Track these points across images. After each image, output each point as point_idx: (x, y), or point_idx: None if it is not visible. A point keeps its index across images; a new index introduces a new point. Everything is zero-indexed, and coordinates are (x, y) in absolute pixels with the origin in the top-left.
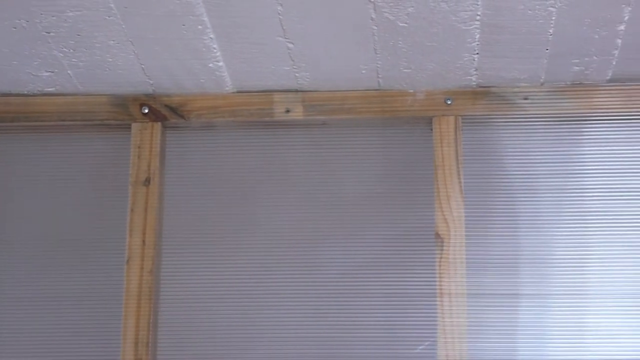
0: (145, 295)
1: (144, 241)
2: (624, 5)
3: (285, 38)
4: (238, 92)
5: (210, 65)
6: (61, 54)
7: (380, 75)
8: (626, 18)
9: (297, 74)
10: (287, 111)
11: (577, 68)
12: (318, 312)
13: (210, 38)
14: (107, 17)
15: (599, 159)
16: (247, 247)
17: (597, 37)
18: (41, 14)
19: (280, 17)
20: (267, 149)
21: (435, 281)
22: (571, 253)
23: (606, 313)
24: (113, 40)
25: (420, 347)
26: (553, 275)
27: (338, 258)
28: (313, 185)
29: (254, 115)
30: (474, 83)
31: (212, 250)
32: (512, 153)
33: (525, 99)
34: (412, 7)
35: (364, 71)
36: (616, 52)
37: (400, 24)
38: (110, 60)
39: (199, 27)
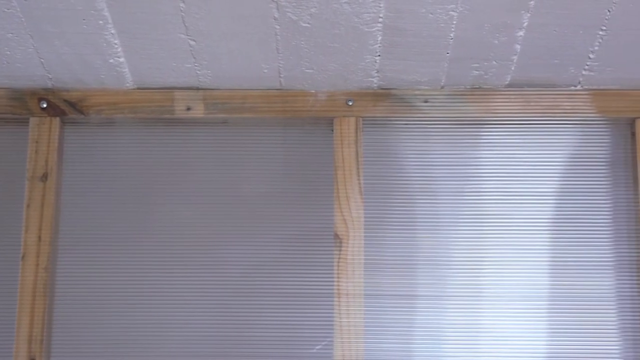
0: (40, 292)
1: (39, 237)
2: (523, 12)
3: (188, 35)
4: (138, 88)
5: (111, 60)
6: None
7: (282, 75)
8: (525, 24)
9: (198, 72)
10: (188, 109)
11: (476, 72)
12: (216, 311)
13: (112, 33)
14: (6, 10)
15: (497, 162)
16: (145, 244)
17: (496, 42)
18: None
19: (183, 14)
20: (167, 146)
21: (333, 281)
22: (467, 255)
23: (500, 315)
24: (12, 34)
25: (317, 347)
26: (449, 276)
27: (237, 257)
28: (213, 183)
29: (154, 112)
30: (375, 85)
31: (109, 247)
32: (412, 155)
33: (426, 101)
34: (315, 7)
35: (265, 70)
36: (515, 57)
37: (303, 24)
38: (9, 53)
39: (100, 22)
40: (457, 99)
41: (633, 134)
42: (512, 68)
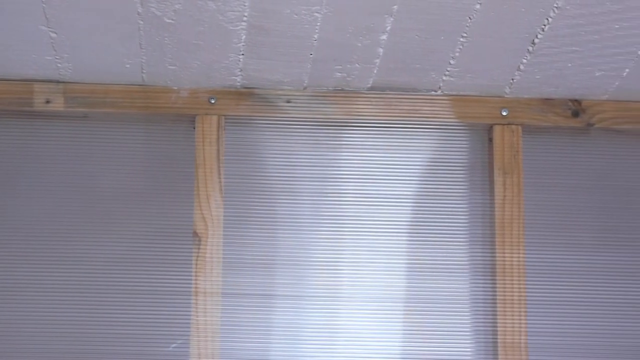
0: None
1: None
2: (386, 16)
3: (49, 27)
4: None
5: None
6: None
7: (144, 71)
8: (388, 28)
9: (59, 65)
10: (48, 102)
11: (339, 74)
12: (71, 308)
13: None
14: None
15: (358, 164)
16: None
17: (360, 45)
18: None
19: (44, 5)
20: (26, 139)
21: (191, 279)
22: (327, 256)
23: (357, 315)
24: None
25: (173, 346)
26: (308, 277)
27: (94, 253)
28: (72, 178)
29: (13, 105)
30: (239, 84)
31: None
32: (274, 155)
33: (288, 102)
34: (180, 4)
35: (128, 65)
36: (377, 60)
37: (167, 20)
38: None
39: None
40: (320, 100)
41: (490, 140)
42: (375, 71)
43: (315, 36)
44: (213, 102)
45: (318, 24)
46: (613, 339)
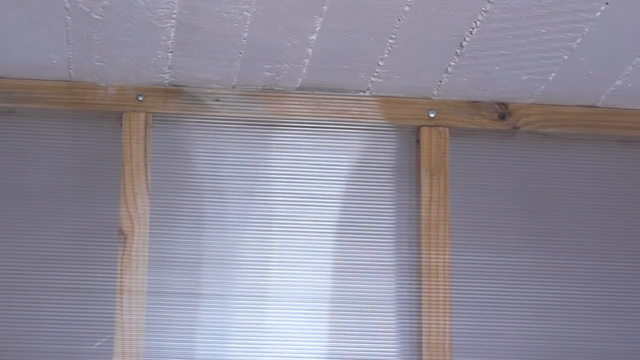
0: None
1: None
2: (316, 16)
3: None
4: None
5: None
6: None
7: (71, 67)
8: (318, 28)
9: None
10: None
11: (268, 74)
12: None
13: None
14: None
15: (286, 164)
16: None
17: (289, 44)
18: None
19: None
20: None
21: (116, 277)
22: (254, 255)
23: (284, 315)
24: None
25: (97, 344)
26: (236, 276)
27: (18, 250)
28: None
29: None
30: (167, 81)
31: None
32: (202, 153)
33: (217, 100)
34: (108, 0)
35: (55, 61)
36: (307, 60)
37: (95, 16)
38: None
39: None
40: (249, 100)
41: (418, 142)
42: (304, 71)
43: (245, 35)
44: (141, 99)
45: (247, 23)
46: (536, 341)
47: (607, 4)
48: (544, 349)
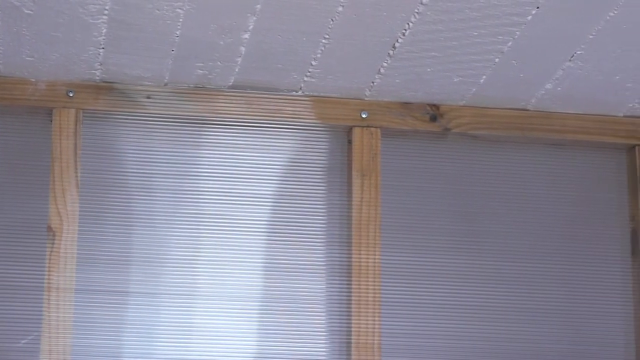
0: None
1: None
2: (249, 15)
3: None
4: None
5: None
6: None
7: (1, 62)
8: (251, 27)
9: None
10: None
11: (201, 72)
12: None
13: None
14: None
15: (217, 163)
16: None
17: (222, 43)
18: None
19: None
20: None
21: (44, 275)
22: (183, 253)
23: (213, 314)
24: None
25: (23, 341)
26: (164, 274)
27: None
28: None
29: None
30: (98, 78)
31: None
32: (132, 151)
33: (148, 97)
34: None
35: None
36: (239, 59)
37: (26, 11)
38: None
39: None
40: (180, 97)
41: (349, 142)
42: (236, 70)
43: (177, 32)
44: (71, 95)
45: (180, 20)
46: (464, 341)
47: (538, 8)
48: (472, 349)
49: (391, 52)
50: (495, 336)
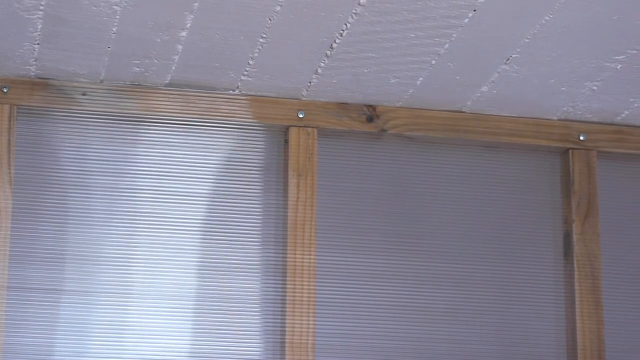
0: None
1: None
2: (187, 13)
3: None
4: None
5: None
6: None
7: None
8: (188, 25)
9: None
10: None
11: (137, 69)
12: None
13: None
14: None
15: (153, 160)
16: None
17: (159, 40)
18: None
19: None
20: None
21: None
22: (118, 252)
23: (148, 313)
24: None
25: None
26: (99, 272)
27: None
28: None
29: None
30: (33, 73)
31: None
32: (68, 148)
33: (84, 94)
34: None
35: None
36: (176, 57)
37: None
38: None
39: None
40: (117, 94)
41: (286, 142)
42: (173, 68)
43: (114, 29)
44: (5, 91)
45: (117, 17)
46: (398, 342)
47: (474, 11)
48: (406, 349)
49: (329, 53)
50: (428, 337)
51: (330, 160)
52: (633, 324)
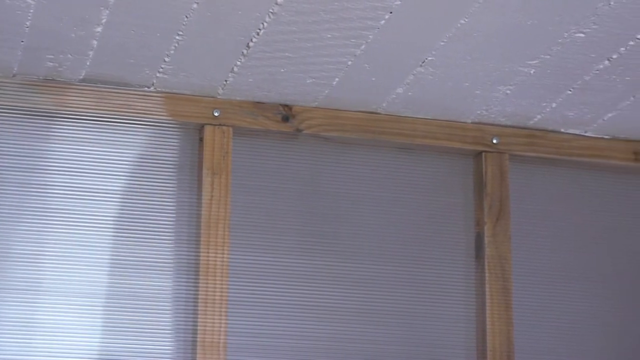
0: None
1: None
2: (102, 8)
3: None
4: None
5: None
6: None
7: None
8: (104, 21)
9: None
10: None
11: (51, 64)
12: None
13: None
14: None
15: (66, 157)
16: None
17: (74, 35)
18: None
19: None
20: None
21: None
22: (28, 248)
23: (58, 310)
24: None
25: None
26: (8, 269)
27: None
28: None
29: None
30: None
31: None
32: None
33: None
34: None
35: None
36: (91, 52)
37: None
38: None
39: None
40: (29, 89)
41: (201, 140)
42: (88, 63)
43: (28, 23)
44: None
45: (31, 11)
46: (311, 342)
47: (391, 13)
48: (318, 349)
49: (245, 52)
50: (340, 337)
51: (245, 159)
52: (542, 326)
